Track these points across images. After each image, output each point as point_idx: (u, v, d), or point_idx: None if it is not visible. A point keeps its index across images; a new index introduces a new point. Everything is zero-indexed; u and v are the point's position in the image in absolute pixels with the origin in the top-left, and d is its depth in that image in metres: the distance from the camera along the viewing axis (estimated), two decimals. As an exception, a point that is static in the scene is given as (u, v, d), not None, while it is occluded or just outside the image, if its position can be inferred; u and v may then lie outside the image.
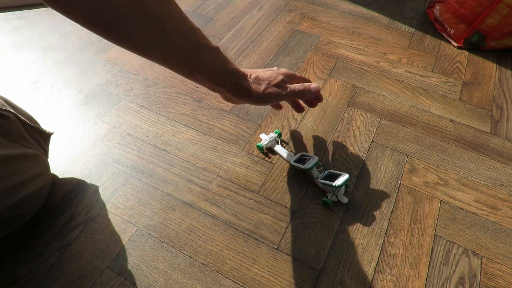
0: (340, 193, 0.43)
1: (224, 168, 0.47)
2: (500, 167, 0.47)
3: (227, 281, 0.37)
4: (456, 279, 0.37)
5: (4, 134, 0.34)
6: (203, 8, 0.76)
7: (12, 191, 0.34)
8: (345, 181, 0.40)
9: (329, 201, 0.42)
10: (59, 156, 0.48)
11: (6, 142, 0.34)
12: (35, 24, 0.72)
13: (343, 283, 0.37)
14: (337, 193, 0.42)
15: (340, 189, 0.42)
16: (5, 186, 0.33)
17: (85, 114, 0.54)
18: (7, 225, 0.36)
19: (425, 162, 0.48)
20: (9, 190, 0.34)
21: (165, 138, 0.51)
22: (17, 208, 0.35)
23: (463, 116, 0.54)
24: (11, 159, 0.34)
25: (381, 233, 0.41)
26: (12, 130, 0.35)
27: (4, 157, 0.33)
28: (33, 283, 0.37)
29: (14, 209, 0.35)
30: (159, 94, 0.57)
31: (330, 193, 0.43)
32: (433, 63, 0.63)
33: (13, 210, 0.35)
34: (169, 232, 0.41)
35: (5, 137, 0.34)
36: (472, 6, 0.62)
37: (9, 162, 0.34)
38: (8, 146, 0.34)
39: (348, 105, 0.55)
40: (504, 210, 0.43)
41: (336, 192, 0.42)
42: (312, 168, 0.42)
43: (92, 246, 0.39)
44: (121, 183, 0.45)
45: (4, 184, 0.33)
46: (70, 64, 0.63)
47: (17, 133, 0.36)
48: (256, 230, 0.41)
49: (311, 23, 0.72)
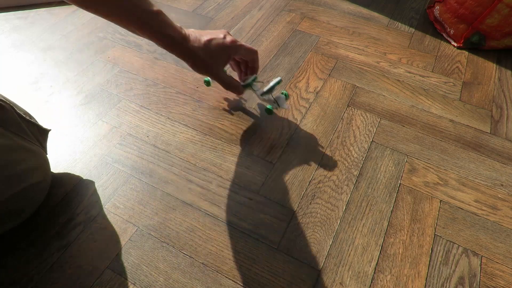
0: (281, 101, 0.47)
1: (224, 168, 0.47)
2: (500, 167, 0.47)
3: (227, 281, 0.37)
4: (456, 279, 0.37)
5: (1, 125, 0.34)
6: (203, 8, 0.77)
7: (11, 182, 0.34)
8: (274, 83, 0.45)
9: (270, 107, 0.48)
10: (59, 156, 0.48)
11: (4, 132, 0.34)
12: (35, 24, 0.72)
13: (343, 283, 0.37)
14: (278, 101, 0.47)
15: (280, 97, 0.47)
16: (3, 176, 0.33)
17: (85, 114, 0.54)
18: (8, 219, 0.36)
19: (425, 162, 0.48)
20: (8, 181, 0.34)
21: (165, 138, 0.51)
22: (17, 201, 0.35)
23: (463, 116, 0.54)
24: (10, 149, 0.34)
25: (381, 233, 0.41)
26: (9, 121, 0.35)
27: (2, 147, 0.33)
28: (33, 283, 0.37)
29: (14, 201, 0.35)
30: (159, 94, 0.57)
31: (271, 103, 0.48)
32: (433, 63, 0.63)
33: (13, 203, 0.35)
34: (169, 232, 0.41)
35: (2, 127, 0.34)
36: (472, 6, 0.62)
37: (7, 152, 0.34)
38: (6, 136, 0.34)
39: (348, 105, 0.55)
40: (504, 210, 0.43)
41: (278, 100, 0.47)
42: (251, 83, 0.46)
43: (92, 246, 0.39)
44: (121, 183, 0.45)
45: (3, 174, 0.33)
46: (70, 64, 0.63)
47: (14, 124, 0.36)
48: (256, 230, 0.41)
49: (311, 23, 0.72)
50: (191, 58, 0.40)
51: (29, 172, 0.36)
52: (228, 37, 0.43)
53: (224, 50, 0.42)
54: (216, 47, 0.41)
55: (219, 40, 0.41)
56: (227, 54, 0.42)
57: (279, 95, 0.48)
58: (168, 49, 0.39)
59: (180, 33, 0.39)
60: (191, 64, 0.41)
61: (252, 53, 0.45)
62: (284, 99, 0.48)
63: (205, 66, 0.42)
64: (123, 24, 0.37)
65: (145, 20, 0.36)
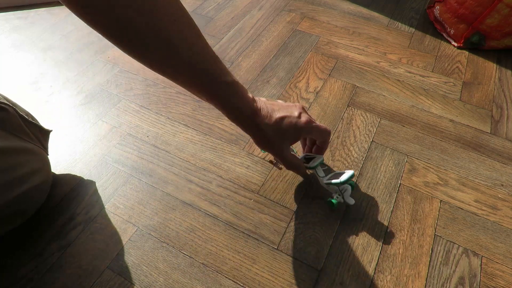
0: (347, 193, 0.41)
1: (224, 168, 0.47)
2: (500, 167, 0.47)
3: (227, 281, 0.37)
4: (456, 279, 0.37)
5: (3, 127, 0.34)
6: (203, 8, 0.76)
7: (13, 184, 0.34)
8: (349, 176, 0.38)
9: (335, 201, 0.40)
10: (59, 156, 0.48)
11: (7, 135, 0.34)
12: (35, 24, 0.72)
13: (343, 283, 0.37)
14: (344, 193, 0.40)
15: (346, 189, 0.41)
16: (5, 179, 0.33)
17: (85, 114, 0.54)
18: (10, 221, 0.36)
19: (425, 162, 0.48)
20: (9, 184, 0.34)
21: (165, 138, 0.51)
22: (19, 202, 0.35)
23: (463, 116, 0.54)
24: (12, 151, 0.34)
25: (381, 233, 0.41)
26: (12, 123, 0.35)
27: (5, 149, 0.33)
28: (33, 283, 0.37)
29: (17, 203, 0.35)
30: (159, 94, 0.57)
31: (336, 193, 0.41)
32: (433, 63, 0.63)
33: (16, 205, 0.35)
34: (169, 232, 0.41)
35: (4, 130, 0.34)
36: (472, 6, 0.62)
37: (9, 155, 0.34)
38: (8, 138, 0.34)
39: (348, 105, 0.55)
40: (504, 210, 0.43)
41: (343, 192, 0.40)
42: (317, 166, 0.41)
43: (92, 246, 0.39)
44: (121, 183, 0.45)
45: (6, 177, 0.33)
46: (70, 64, 0.63)
47: (17, 126, 0.36)
48: (256, 230, 0.41)
49: (311, 23, 0.72)
50: (257, 135, 0.36)
51: (31, 174, 0.36)
52: (303, 117, 0.38)
53: (296, 131, 0.37)
54: (288, 126, 0.36)
55: (292, 119, 0.37)
56: (298, 135, 0.38)
57: (346, 186, 0.41)
58: (234, 122, 0.35)
59: (250, 106, 0.34)
60: (255, 140, 0.37)
61: (325, 135, 0.40)
62: (350, 191, 0.41)
63: (271, 144, 0.37)
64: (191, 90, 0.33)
65: (218, 92, 0.32)
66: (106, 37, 0.26)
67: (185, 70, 0.30)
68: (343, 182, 0.38)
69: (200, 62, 0.30)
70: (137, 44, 0.27)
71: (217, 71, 0.31)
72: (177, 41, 0.28)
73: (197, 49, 0.29)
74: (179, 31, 0.28)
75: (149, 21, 0.25)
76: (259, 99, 0.37)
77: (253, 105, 0.35)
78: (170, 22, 0.27)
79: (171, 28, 0.27)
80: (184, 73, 0.30)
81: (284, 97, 0.57)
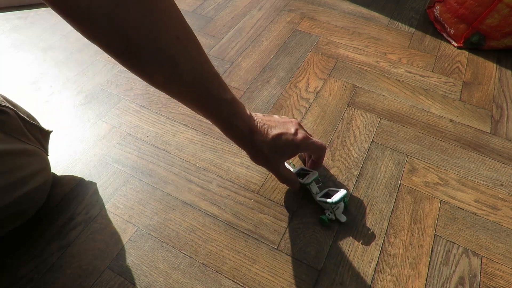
0: (339, 211, 0.41)
1: (224, 168, 0.47)
2: (500, 167, 0.47)
3: (227, 281, 0.37)
4: (456, 279, 0.37)
5: (4, 130, 0.34)
6: (203, 8, 0.76)
7: (14, 186, 0.34)
8: (342, 197, 0.39)
9: (326, 218, 0.41)
10: (59, 156, 0.48)
11: (7, 137, 0.34)
12: (35, 24, 0.72)
13: (343, 283, 0.37)
14: (335, 210, 0.41)
15: (339, 206, 0.41)
16: (6, 182, 0.33)
17: (85, 114, 0.54)
18: (10, 221, 0.37)
19: (425, 162, 0.48)
20: (11, 186, 0.34)
21: (165, 138, 0.51)
22: (19, 204, 0.36)
23: (463, 116, 0.54)
24: (12, 154, 0.34)
25: (381, 233, 0.41)
26: (12, 125, 0.35)
27: (5, 152, 0.33)
28: (33, 283, 0.37)
29: (17, 205, 0.35)
30: (159, 94, 0.57)
31: (328, 210, 0.41)
32: (433, 63, 0.63)
33: (16, 206, 0.35)
34: (169, 232, 0.41)
35: (5, 133, 0.34)
36: (472, 6, 0.62)
37: (10, 157, 0.34)
38: (8, 141, 0.34)
39: (348, 105, 0.55)
40: (504, 210, 0.43)
41: (335, 209, 0.41)
42: (311, 183, 0.41)
43: (92, 246, 0.39)
44: (121, 183, 0.45)
45: (6, 180, 0.33)
46: (70, 64, 0.63)
47: (17, 129, 0.36)
48: (256, 230, 0.41)
49: (311, 23, 0.72)
50: (253, 152, 0.36)
51: (31, 176, 0.37)
52: (300, 133, 0.38)
53: (292, 148, 0.37)
54: (284, 143, 0.37)
55: (289, 136, 0.37)
56: (294, 152, 0.38)
57: (339, 204, 0.41)
58: (231, 139, 0.36)
59: (248, 124, 0.35)
60: (251, 156, 0.37)
61: (321, 151, 0.41)
62: (342, 208, 0.41)
63: (266, 161, 0.37)
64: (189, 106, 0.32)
65: (217, 110, 0.32)
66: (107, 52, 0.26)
67: (186, 89, 0.30)
68: (335, 202, 0.39)
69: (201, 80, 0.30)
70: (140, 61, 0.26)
71: (218, 89, 0.32)
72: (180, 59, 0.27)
73: (199, 66, 0.29)
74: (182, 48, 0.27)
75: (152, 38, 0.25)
76: (255, 115, 0.38)
77: (250, 122, 0.35)
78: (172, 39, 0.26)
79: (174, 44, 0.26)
80: (185, 91, 0.30)
81: (284, 97, 0.57)
